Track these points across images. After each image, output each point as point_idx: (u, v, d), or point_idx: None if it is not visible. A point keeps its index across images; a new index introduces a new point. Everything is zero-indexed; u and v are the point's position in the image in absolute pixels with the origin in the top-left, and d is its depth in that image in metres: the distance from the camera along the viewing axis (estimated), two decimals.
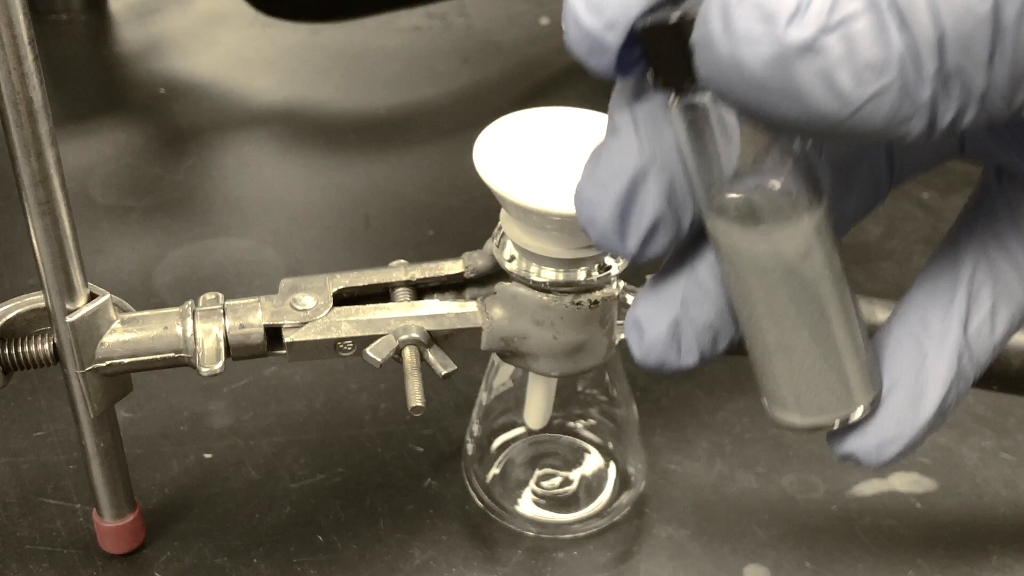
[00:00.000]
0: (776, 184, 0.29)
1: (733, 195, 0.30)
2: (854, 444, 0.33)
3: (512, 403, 0.49)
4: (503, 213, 0.42)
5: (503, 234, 0.42)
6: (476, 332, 0.43)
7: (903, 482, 0.51)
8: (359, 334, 0.42)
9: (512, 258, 0.42)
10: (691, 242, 0.32)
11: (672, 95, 0.29)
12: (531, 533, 0.48)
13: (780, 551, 0.48)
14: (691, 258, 0.33)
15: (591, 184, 0.31)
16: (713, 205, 0.30)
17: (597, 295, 0.42)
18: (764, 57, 0.24)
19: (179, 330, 0.41)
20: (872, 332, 0.34)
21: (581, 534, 0.48)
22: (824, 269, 0.31)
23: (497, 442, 0.51)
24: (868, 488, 0.50)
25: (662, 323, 0.33)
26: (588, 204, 0.31)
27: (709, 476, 0.51)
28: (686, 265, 0.33)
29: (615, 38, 0.28)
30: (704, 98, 0.29)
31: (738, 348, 0.40)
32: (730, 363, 0.55)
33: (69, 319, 0.40)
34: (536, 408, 0.47)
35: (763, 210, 0.29)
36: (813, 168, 0.30)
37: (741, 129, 0.29)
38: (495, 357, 0.47)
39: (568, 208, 0.38)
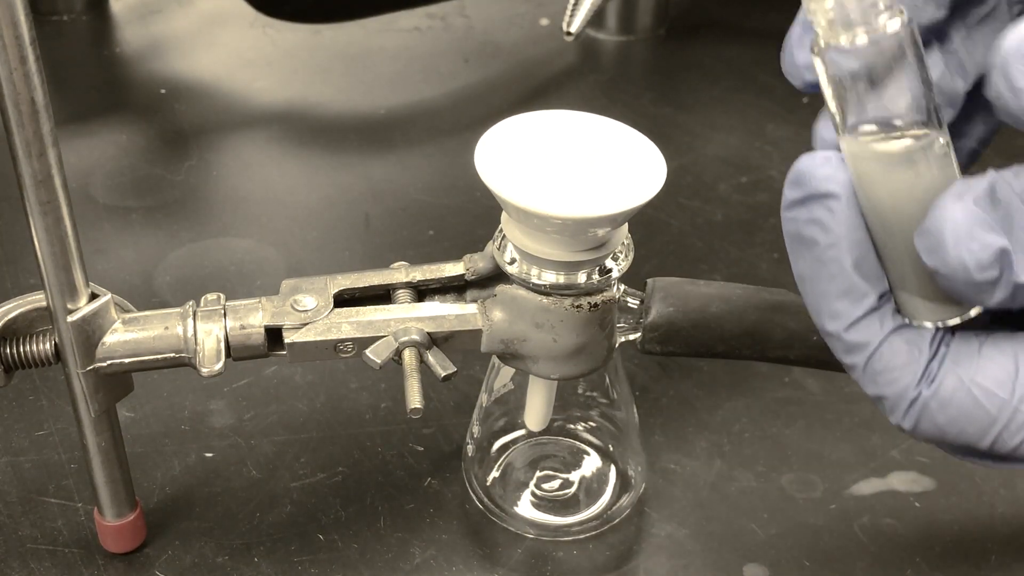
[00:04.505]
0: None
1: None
2: None
3: (513, 405, 0.49)
4: (504, 216, 0.42)
5: (504, 236, 0.42)
6: (476, 334, 0.43)
7: (902, 481, 0.51)
8: (359, 335, 0.42)
9: (513, 260, 0.42)
10: None
11: None
12: (531, 535, 0.48)
13: (779, 550, 0.48)
14: None
15: None
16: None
17: (597, 298, 0.42)
18: None
19: (180, 330, 0.42)
20: None
21: (581, 536, 0.48)
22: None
23: (497, 444, 0.51)
24: (867, 487, 0.51)
25: None
26: None
27: (708, 475, 0.51)
28: None
29: None
30: None
31: (735, 353, 0.40)
32: (730, 363, 0.56)
33: (70, 319, 0.40)
34: (536, 410, 0.47)
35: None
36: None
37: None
38: (496, 359, 0.47)
39: (569, 211, 0.38)
